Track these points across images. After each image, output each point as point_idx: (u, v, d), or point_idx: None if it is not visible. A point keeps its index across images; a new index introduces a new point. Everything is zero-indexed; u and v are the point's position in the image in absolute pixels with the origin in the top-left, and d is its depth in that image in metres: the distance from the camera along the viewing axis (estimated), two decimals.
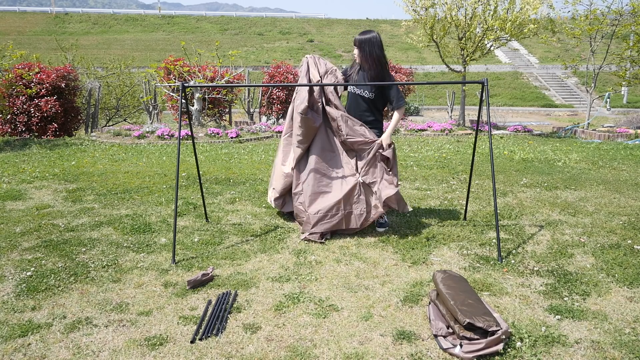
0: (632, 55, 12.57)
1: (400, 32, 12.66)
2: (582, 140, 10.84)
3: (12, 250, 3.60)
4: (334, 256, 3.51)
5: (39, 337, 2.46)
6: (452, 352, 2.30)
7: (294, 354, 2.31)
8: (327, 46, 41.79)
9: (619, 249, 3.59)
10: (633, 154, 8.09)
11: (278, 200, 4.29)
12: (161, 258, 3.49)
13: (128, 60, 18.66)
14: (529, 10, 10.61)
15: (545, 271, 3.22)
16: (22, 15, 50.77)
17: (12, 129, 10.38)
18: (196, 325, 2.56)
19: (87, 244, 3.73)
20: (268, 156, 7.86)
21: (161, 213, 4.54)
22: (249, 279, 3.13)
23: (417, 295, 2.89)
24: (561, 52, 32.51)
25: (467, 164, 6.93)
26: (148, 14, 53.84)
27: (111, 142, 9.64)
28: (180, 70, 11.16)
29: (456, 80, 13.52)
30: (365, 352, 2.32)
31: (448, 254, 3.54)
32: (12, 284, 3.05)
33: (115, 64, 17.21)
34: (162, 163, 7.22)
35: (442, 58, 11.90)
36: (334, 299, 2.85)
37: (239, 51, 15.90)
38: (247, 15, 57.63)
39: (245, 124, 12.85)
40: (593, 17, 12.37)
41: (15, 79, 10.20)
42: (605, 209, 4.64)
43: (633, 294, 2.89)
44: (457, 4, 11.12)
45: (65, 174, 6.23)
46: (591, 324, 2.57)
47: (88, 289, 2.99)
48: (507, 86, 30.69)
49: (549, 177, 6.02)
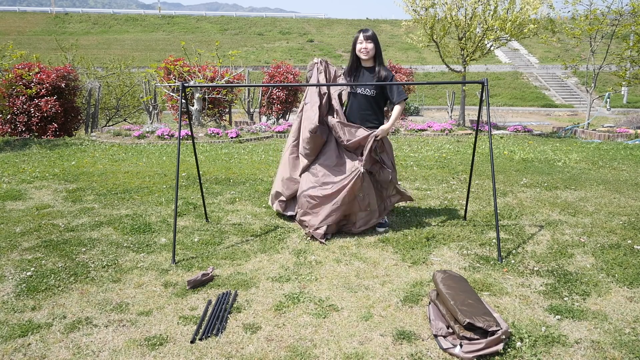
0: (632, 55, 12.57)
1: (400, 32, 12.67)
2: (582, 140, 10.84)
3: (12, 250, 3.60)
4: (334, 256, 3.51)
5: (39, 337, 2.46)
6: (452, 352, 2.30)
7: (294, 354, 2.31)
8: (327, 46, 41.79)
9: (619, 249, 3.59)
10: (633, 154, 8.09)
11: (282, 204, 4.28)
12: (161, 258, 3.49)
13: (128, 60, 18.66)
14: (529, 10, 10.61)
15: (545, 271, 3.22)
16: (22, 15, 50.78)
17: (12, 129, 10.38)
18: (196, 325, 2.56)
19: (87, 244, 3.73)
20: (268, 156, 7.86)
21: (161, 213, 4.54)
22: (249, 279, 3.13)
23: (417, 295, 2.89)
24: (561, 52, 32.50)
25: (467, 164, 6.93)
26: (148, 14, 53.84)
27: (111, 142, 9.64)
28: (180, 70, 11.16)
29: (456, 80, 13.52)
30: (365, 352, 2.32)
31: (448, 254, 3.54)
32: (12, 284, 3.05)
33: (115, 64, 17.21)
34: (162, 163, 7.23)
35: (442, 58, 11.90)
36: (334, 299, 2.85)
37: (239, 51, 15.90)
38: (247, 15, 57.63)
39: (245, 124, 12.85)
40: (593, 17, 12.37)
41: (15, 79, 10.20)
42: (605, 209, 4.64)
43: (633, 294, 2.89)
44: (457, 4, 11.13)
45: (65, 174, 6.24)
46: (591, 324, 2.57)
47: (88, 289, 2.99)
48: (507, 86, 30.70)
49: (549, 177, 6.02)
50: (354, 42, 3.98)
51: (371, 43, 3.89)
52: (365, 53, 3.91)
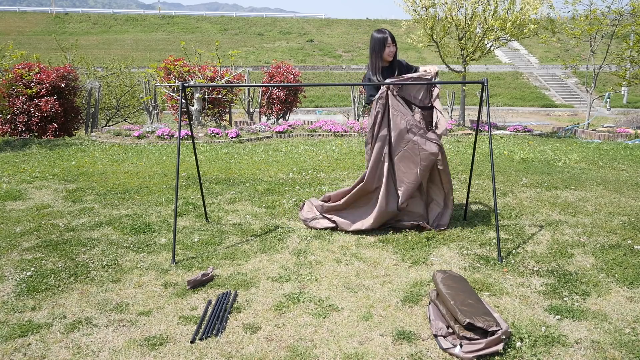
0: (632, 55, 12.57)
1: (400, 32, 12.66)
2: (582, 140, 10.84)
3: (12, 250, 3.60)
4: (334, 256, 3.51)
5: (39, 337, 2.46)
6: (452, 352, 2.30)
7: (294, 354, 2.31)
8: (327, 46, 41.78)
9: (619, 249, 3.59)
10: (633, 154, 8.09)
11: None
12: (161, 258, 3.49)
13: (128, 60, 18.64)
14: (529, 10, 10.61)
15: (545, 271, 3.22)
16: (22, 15, 50.75)
17: (12, 129, 10.38)
18: (196, 325, 2.56)
19: (87, 244, 3.73)
20: (268, 156, 7.86)
21: (161, 213, 4.54)
22: (249, 279, 3.13)
23: (417, 295, 2.89)
24: (561, 52, 32.48)
25: (467, 164, 6.93)
26: (148, 14, 53.81)
27: (111, 142, 9.64)
28: (180, 70, 11.16)
29: (456, 80, 13.51)
30: (365, 352, 2.32)
31: (448, 254, 3.54)
32: (12, 284, 3.05)
33: (115, 64, 17.20)
34: (162, 163, 7.23)
35: (442, 58, 11.90)
36: (334, 299, 2.85)
37: (239, 51, 15.89)
38: (247, 15, 57.61)
39: (245, 124, 12.84)
40: (593, 17, 12.37)
41: (15, 79, 10.20)
42: (605, 209, 4.64)
43: (633, 294, 2.89)
44: (457, 4, 11.12)
45: (65, 174, 6.23)
46: (591, 324, 2.57)
47: (88, 289, 2.99)
48: (507, 86, 30.69)
49: (549, 177, 6.02)
50: (382, 45, 4.02)
51: (394, 46, 4.08)
52: (391, 55, 4.09)
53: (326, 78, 32.62)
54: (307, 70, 32.92)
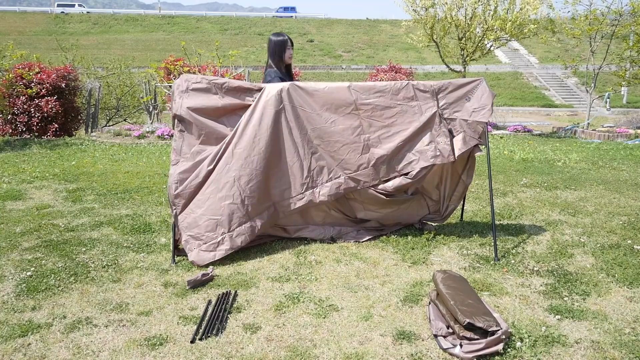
0: (632, 55, 12.57)
1: (400, 32, 12.67)
2: (582, 140, 10.84)
3: (12, 250, 3.60)
4: (334, 256, 3.51)
5: (39, 337, 2.46)
6: (452, 352, 2.30)
7: (294, 354, 2.31)
8: (327, 46, 41.76)
9: (619, 249, 3.59)
10: (633, 154, 8.09)
11: None
12: (161, 258, 3.49)
13: (128, 60, 18.64)
14: (529, 10, 10.62)
15: (545, 271, 3.22)
16: (22, 15, 50.74)
17: (13, 129, 10.37)
18: (196, 325, 2.56)
19: (87, 244, 3.73)
20: None
21: (161, 213, 4.54)
22: (249, 279, 3.13)
23: (417, 295, 2.89)
24: (561, 52, 32.43)
25: None
26: (148, 14, 53.79)
27: (111, 142, 9.64)
28: (180, 70, 11.15)
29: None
30: (365, 352, 2.32)
31: (448, 254, 3.54)
32: (12, 284, 3.05)
33: (115, 64, 17.20)
34: (162, 163, 7.22)
35: (442, 58, 11.91)
36: (334, 299, 2.85)
37: (239, 51, 15.87)
38: (247, 15, 57.55)
39: None
40: (593, 17, 12.37)
41: (16, 79, 10.19)
42: (605, 209, 4.64)
43: (633, 294, 2.89)
44: (457, 4, 11.13)
45: (65, 174, 6.23)
46: (591, 324, 2.57)
47: (88, 289, 2.99)
48: (507, 86, 30.68)
49: (549, 177, 6.02)
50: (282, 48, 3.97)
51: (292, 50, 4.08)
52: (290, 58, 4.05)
53: (326, 78, 32.60)
54: (307, 70, 32.91)
